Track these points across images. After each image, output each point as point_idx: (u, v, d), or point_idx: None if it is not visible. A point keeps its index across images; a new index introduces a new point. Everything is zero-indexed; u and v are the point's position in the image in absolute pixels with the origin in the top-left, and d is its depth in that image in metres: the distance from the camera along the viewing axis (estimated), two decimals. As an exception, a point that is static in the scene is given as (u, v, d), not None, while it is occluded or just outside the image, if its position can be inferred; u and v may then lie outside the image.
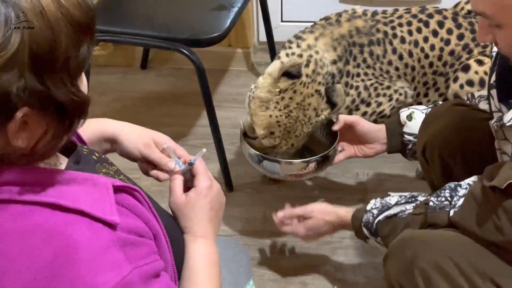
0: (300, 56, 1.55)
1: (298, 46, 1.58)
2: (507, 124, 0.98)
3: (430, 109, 1.45)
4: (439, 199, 1.14)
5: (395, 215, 1.19)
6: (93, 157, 0.87)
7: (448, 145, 1.31)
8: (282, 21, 2.31)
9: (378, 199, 1.25)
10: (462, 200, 1.11)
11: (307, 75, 1.52)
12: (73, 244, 0.68)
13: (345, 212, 1.33)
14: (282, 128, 1.51)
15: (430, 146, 1.34)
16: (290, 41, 1.63)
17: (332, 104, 1.52)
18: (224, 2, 1.68)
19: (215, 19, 1.63)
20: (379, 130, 1.50)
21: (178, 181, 1.00)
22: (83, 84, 0.74)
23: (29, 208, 0.69)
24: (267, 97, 1.50)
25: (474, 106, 1.37)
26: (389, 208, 1.21)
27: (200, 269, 0.92)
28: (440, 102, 1.48)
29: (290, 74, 1.49)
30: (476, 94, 1.38)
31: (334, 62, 1.60)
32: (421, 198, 1.19)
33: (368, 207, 1.26)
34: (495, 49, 1.14)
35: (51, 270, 0.67)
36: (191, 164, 1.01)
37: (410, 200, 1.21)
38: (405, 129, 1.46)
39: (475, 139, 1.29)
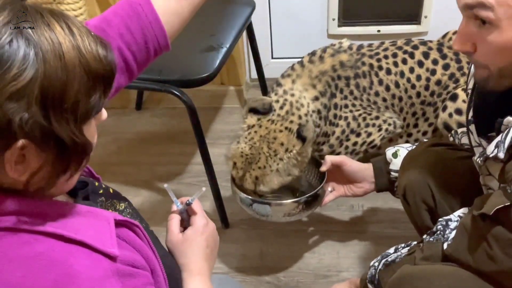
0: (277, 101, 1.59)
1: (276, 93, 1.62)
2: (491, 155, 0.98)
3: (414, 147, 1.45)
4: (433, 236, 1.15)
5: (393, 261, 1.20)
6: (100, 193, 0.90)
7: (426, 188, 1.32)
8: (272, 58, 2.35)
9: (379, 256, 1.26)
10: (454, 232, 1.10)
11: (278, 115, 1.56)
12: (73, 273, 0.70)
13: (355, 279, 1.37)
14: (243, 158, 1.53)
15: (410, 190, 1.35)
16: (272, 88, 1.68)
17: (302, 139, 1.53)
18: (213, 43, 1.72)
19: (204, 60, 1.66)
20: (367, 169, 1.50)
21: (175, 220, 1.05)
22: (91, 132, 0.76)
23: (34, 237, 0.71)
24: (239, 136, 1.57)
25: (451, 144, 1.38)
26: (387, 256, 1.22)
27: None
28: (425, 140, 1.49)
29: (256, 110, 1.55)
30: (459, 130, 1.39)
31: (316, 99, 1.63)
32: (415, 242, 1.20)
33: (371, 263, 1.26)
34: (470, 85, 1.16)
35: None
36: (188, 204, 1.05)
37: (406, 245, 1.22)
38: (392, 167, 1.46)
39: (454, 179, 1.30)
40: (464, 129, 1.35)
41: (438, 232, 1.14)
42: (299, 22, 2.23)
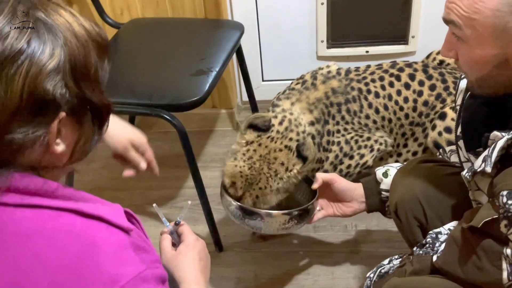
0: (275, 117, 1.59)
1: (274, 111, 1.63)
2: (478, 170, 1.00)
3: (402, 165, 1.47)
4: (423, 249, 1.16)
5: (386, 272, 1.21)
6: None
7: (417, 204, 1.33)
8: (263, 80, 2.37)
9: (375, 267, 1.27)
10: (444, 245, 1.13)
11: (278, 131, 1.56)
12: (96, 242, 0.77)
13: None
14: (243, 179, 1.52)
15: (401, 206, 1.36)
16: (268, 110, 1.68)
17: (303, 158, 1.54)
18: (202, 67, 1.73)
19: (194, 83, 1.67)
20: (356, 188, 1.50)
21: (167, 240, 1.16)
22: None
23: (56, 213, 0.78)
24: (236, 148, 1.55)
25: (441, 160, 1.39)
26: (381, 267, 1.23)
27: None
28: (411, 157, 1.51)
29: (256, 127, 1.55)
30: (447, 148, 1.40)
31: (312, 124, 1.64)
32: (407, 254, 1.22)
33: (367, 275, 1.27)
34: (459, 101, 1.18)
35: (78, 262, 0.76)
36: (177, 223, 1.13)
37: (399, 257, 1.23)
38: (382, 186, 1.46)
39: (444, 195, 1.31)
40: (453, 147, 1.36)
41: (428, 245, 1.15)
42: (289, 45, 2.25)
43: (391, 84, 1.70)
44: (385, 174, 1.46)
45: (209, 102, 2.42)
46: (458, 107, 1.18)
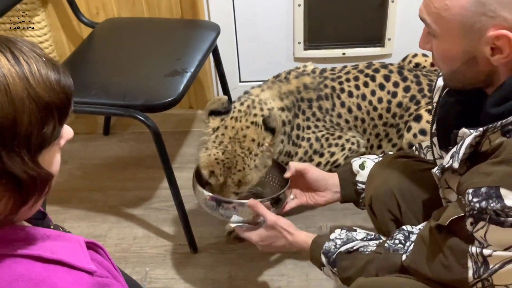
0: (238, 100, 1.61)
1: (240, 98, 1.64)
2: (446, 166, 1.02)
3: (380, 159, 1.48)
4: (393, 241, 1.17)
5: (357, 249, 1.20)
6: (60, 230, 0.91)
7: (392, 198, 1.34)
8: (240, 81, 2.36)
9: (344, 231, 1.26)
10: (413, 244, 1.14)
11: (239, 111, 1.56)
12: None
13: (306, 236, 1.33)
14: (221, 165, 1.51)
15: (376, 200, 1.37)
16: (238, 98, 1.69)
17: (271, 130, 1.53)
18: (177, 68, 1.72)
19: (169, 84, 1.66)
20: (330, 178, 1.50)
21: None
22: (51, 159, 0.75)
23: (13, 260, 0.72)
24: (205, 139, 1.55)
25: (417, 156, 1.41)
26: (353, 241, 1.22)
27: None
28: (390, 152, 1.51)
29: (217, 112, 1.55)
30: (424, 144, 1.42)
31: (282, 110, 1.64)
32: (384, 238, 1.22)
33: (332, 236, 1.25)
34: (435, 98, 1.20)
35: None
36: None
37: (375, 237, 1.23)
38: (358, 178, 1.46)
39: (419, 190, 1.32)
40: (429, 143, 1.38)
41: (398, 241, 1.16)
42: (266, 46, 2.25)
43: (366, 84, 1.71)
44: (362, 166, 1.46)
45: (185, 102, 2.41)
46: (434, 104, 1.20)
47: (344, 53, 2.24)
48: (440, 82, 1.19)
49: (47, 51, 2.11)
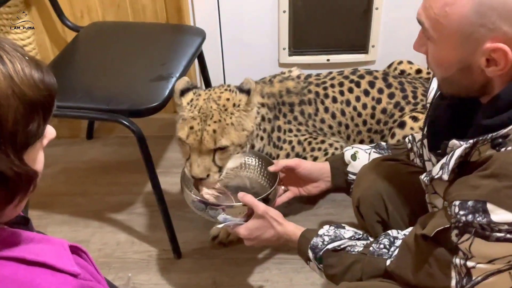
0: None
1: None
2: (436, 177, 1.02)
3: (372, 149, 1.49)
4: (378, 245, 1.18)
5: (344, 248, 1.21)
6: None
7: (379, 200, 1.35)
8: (225, 86, 2.36)
9: (332, 227, 1.26)
10: (398, 250, 1.15)
11: (213, 87, 1.59)
12: None
13: (295, 227, 1.34)
14: (198, 119, 1.49)
15: (363, 201, 1.38)
16: None
17: (246, 92, 1.53)
18: (162, 73, 1.72)
19: (154, 89, 1.66)
20: (322, 168, 1.51)
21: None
22: (35, 157, 0.76)
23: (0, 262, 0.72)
24: (182, 115, 1.53)
25: (405, 159, 1.42)
26: (341, 239, 1.23)
27: None
28: (382, 143, 1.52)
29: (186, 89, 1.56)
30: (417, 137, 1.42)
31: (262, 105, 1.65)
32: (371, 239, 1.23)
33: (321, 232, 1.26)
34: (429, 99, 1.20)
35: None
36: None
37: (363, 237, 1.23)
38: (349, 169, 1.47)
39: (406, 192, 1.33)
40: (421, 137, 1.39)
41: (383, 246, 1.17)
42: (251, 52, 2.26)
43: (350, 90, 1.73)
44: (354, 157, 1.47)
45: (170, 107, 2.40)
46: (428, 105, 1.21)
47: (328, 60, 2.25)
48: (434, 83, 1.19)
49: (30, 54, 2.09)
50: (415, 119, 1.69)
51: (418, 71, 1.87)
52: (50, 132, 0.80)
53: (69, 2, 2.12)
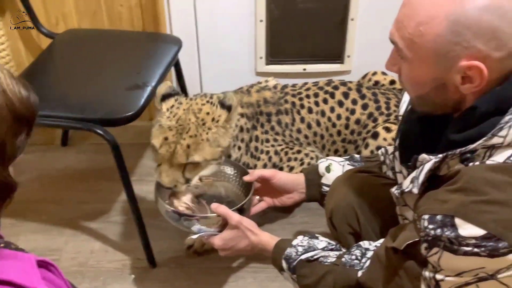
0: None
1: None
2: (406, 190, 1.03)
3: (346, 161, 1.50)
4: (350, 257, 1.19)
5: (317, 259, 1.23)
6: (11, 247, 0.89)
7: (352, 212, 1.37)
8: (201, 94, 2.36)
9: (306, 238, 1.28)
10: (369, 261, 1.16)
11: (195, 97, 1.56)
12: None
13: (269, 237, 1.34)
14: (174, 131, 1.47)
15: (336, 213, 1.39)
16: None
17: (227, 108, 1.52)
18: (138, 82, 1.72)
19: (129, 98, 1.66)
20: (296, 179, 1.52)
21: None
22: (12, 171, 0.78)
23: None
24: (160, 121, 1.51)
25: (376, 171, 1.44)
26: (314, 250, 1.24)
27: None
28: (356, 155, 1.54)
29: (168, 95, 1.54)
30: (390, 150, 1.44)
31: (241, 115, 1.66)
32: (344, 250, 1.24)
33: (294, 242, 1.27)
34: (401, 112, 1.22)
35: None
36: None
37: (336, 248, 1.25)
38: (324, 180, 1.49)
39: (377, 204, 1.35)
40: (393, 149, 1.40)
41: (354, 257, 1.18)
42: (228, 60, 2.26)
43: (325, 101, 1.75)
44: (328, 169, 1.48)
45: (146, 114, 2.39)
46: (400, 118, 1.22)
47: (304, 69, 2.27)
48: (406, 96, 1.20)
49: (4, 60, 2.06)
50: (388, 129, 1.72)
51: (392, 82, 1.89)
52: None
53: (44, 8, 2.11)
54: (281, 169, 1.71)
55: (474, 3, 0.89)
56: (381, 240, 1.20)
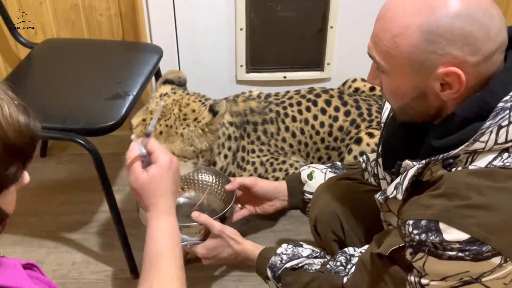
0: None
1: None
2: (390, 196, 1.04)
3: (328, 169, 1.51)
4: (335, 263, 1.20)
5: (301, 267, 1.23)
6: None
7: (336, 219, 1.38)
8: (182, 103, 2.35)
9: (291, 246, 1.28)
10: (354, 267, 1.17)
11: (194, 93, 1.58)
12: None
13: (253, 246, 1.35)
14: (153, 115, 1.48)
15: (320, 220, 1.40)
16: None
17: (214, 114, 1.52)
18: (119, 91, 1.71)
19: (110, 108, 1.64)
20: (278, 187, 1.53)
21: (138, 163, 1.04)
22: (9, 199, 0.76)
23: None
24: (149, 103, 1.53)
25: (359, 178, 1.45)
26: (298, 258, 1.24)
27: (163, 252, 0.98)
28: (338, 163, 1.55)
29: (171, 82, 1.58)
30: (371, 157, 1.45)
31: (230, 124, 1.66)
32: (328, 257, 1.25)
33: (279, 251, 1.27)
34: (383, 119, 1.23)
35: None
36: (148, 134, 1.04)
37: (320, 255, 1.25)
38: (306, 188, 1.49)
39: (361, 211, 1.36)
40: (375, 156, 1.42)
41: (339, 263, 1.18)
42: (208, 69, 2.26)
43: (308, 109, 1.76)
44: (310, 176, 1.49)
45: (127, 124, 2.37)
46: (382, 124, 1.23)
47: (285, 77, 2.28)
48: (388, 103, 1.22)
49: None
50: (371, 135, 1.73)
51: (372, 88, 1.91)
52: (25, 177, 0.80)
53: (23, 18, 2.08)
54: (266, 179, 1.72)
55: (445, 11, 0.90)
56: (366, 246, 1.21)
